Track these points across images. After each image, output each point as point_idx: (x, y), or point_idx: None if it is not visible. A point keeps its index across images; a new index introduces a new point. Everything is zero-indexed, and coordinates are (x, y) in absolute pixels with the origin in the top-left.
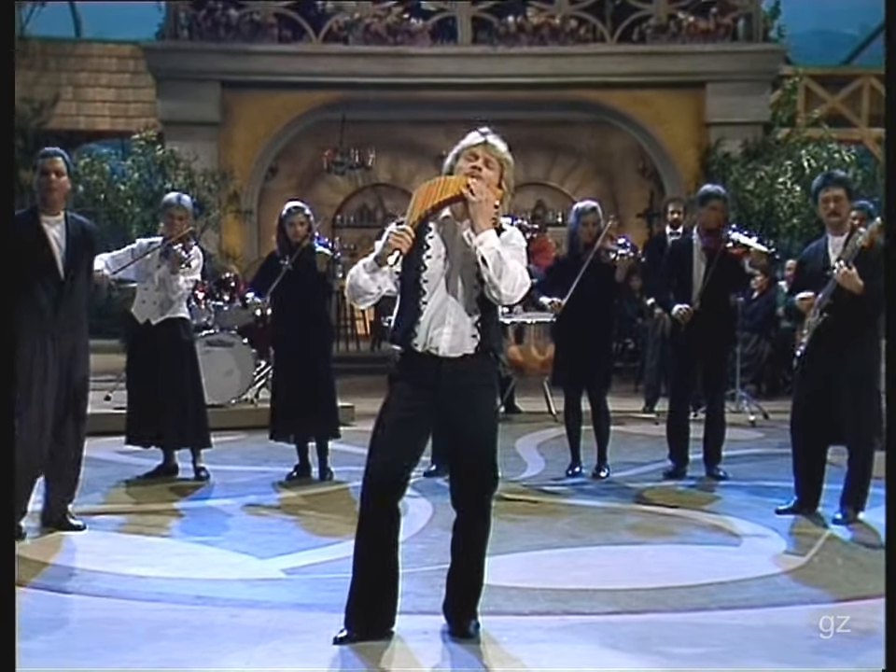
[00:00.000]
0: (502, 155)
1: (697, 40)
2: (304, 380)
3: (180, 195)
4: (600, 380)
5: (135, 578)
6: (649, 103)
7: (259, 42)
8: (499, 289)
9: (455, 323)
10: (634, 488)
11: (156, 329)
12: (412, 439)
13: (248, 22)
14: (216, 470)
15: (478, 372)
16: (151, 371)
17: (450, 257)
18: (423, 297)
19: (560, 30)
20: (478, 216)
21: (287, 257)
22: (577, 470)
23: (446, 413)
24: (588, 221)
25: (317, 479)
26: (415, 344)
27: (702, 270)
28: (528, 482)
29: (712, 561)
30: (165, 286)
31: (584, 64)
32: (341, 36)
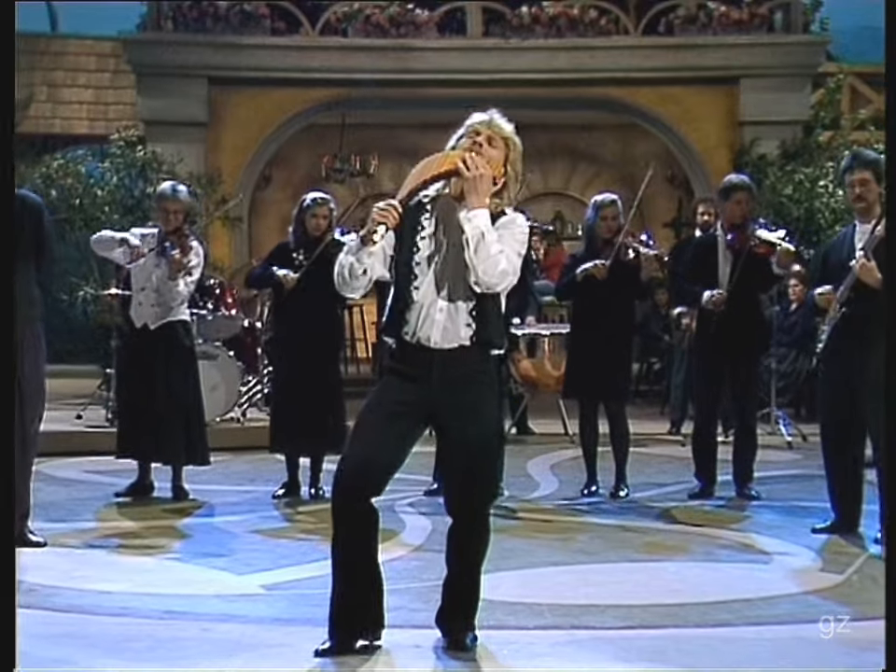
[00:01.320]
0: (507, 134)
1: (730, 32)
2: (313, 390)
3: (175, 185)
4: (618, 390)
5: (99, 593)
6: (677, 100)
7: (250, 34)
8: (476, 273)
9: (448, 310)
10: (655, 507)
11: (153, 333)
12: (395, 437)
13: (238, 13)
14: (196, 490)
15: (475, 368)
16: (149, 378)
17: (445, 238)
18: (414, 281)
19: (579, 21)
20: (471, 192)
21: (303, 251)
22: (593, 490)
23: (438, 411)
24: (607, 215)
25: (307, 498)
26: (406, 334)
27: (727, 270)
28: (539, 501)
29: (739, 578)
30: (164, 289)
31: (606, 59)
32: (339, 28)
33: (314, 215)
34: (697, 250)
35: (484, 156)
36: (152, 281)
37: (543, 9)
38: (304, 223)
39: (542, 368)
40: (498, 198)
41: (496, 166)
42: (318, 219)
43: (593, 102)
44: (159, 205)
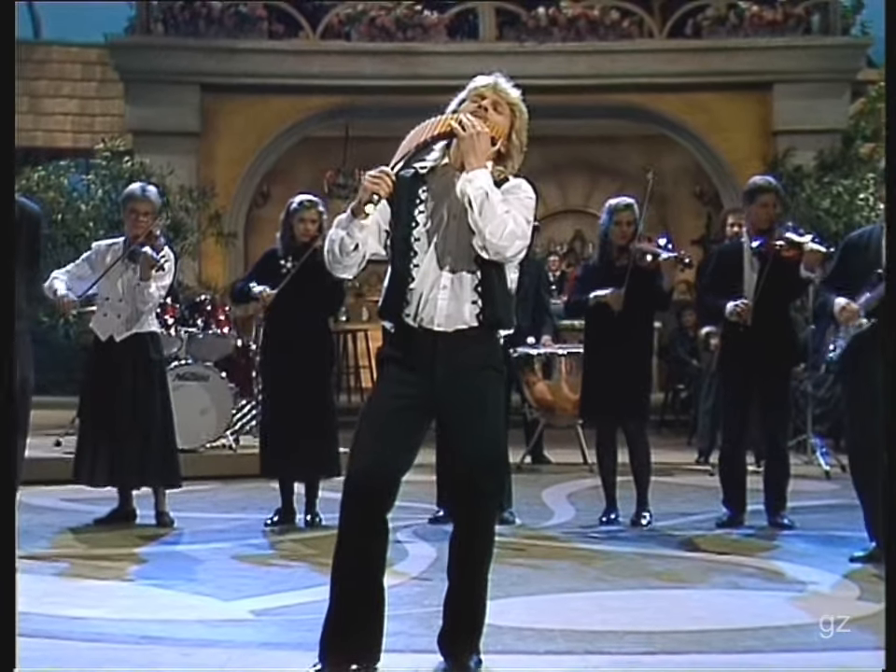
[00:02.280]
0: (514, 100)
1: (763, 34)
2: (303, 408)
3: (144, 186)
4: (638, 409)
5: (71, 619)
6: (705, 108)
7: (246, 38)
8: (484, 234)
9: (451, 287)
10: (679, 536)
11: (120, 346)
12: (402, 434)
13: (233, 15)
14: (183, 518)
15: (481, 352)
16: (113, 394)
17: (446, 210)
18: (414, 258)
19: (600, 23)
20: (469, 152)
21: (291, 258)
22: (612, 517)
23: (442, 402)
24: (622, 220)
25: (302, 525)
26: (406, 315)
27: (754, 278)
28: (553, 529)
29: (768, 606)
30: (132, 295)
31: (629, 63)
32: (342, 32)
33: (301, 219)
34: (721, 259)
35: (489, 121)
36: (118, 289)
37: (561, 11)
38: (292, 228)
39: (559, 391)
40: (501, 165)
41: (500, 133)
42: (307, 224)
43: (614, 110)
44: (126, 207)
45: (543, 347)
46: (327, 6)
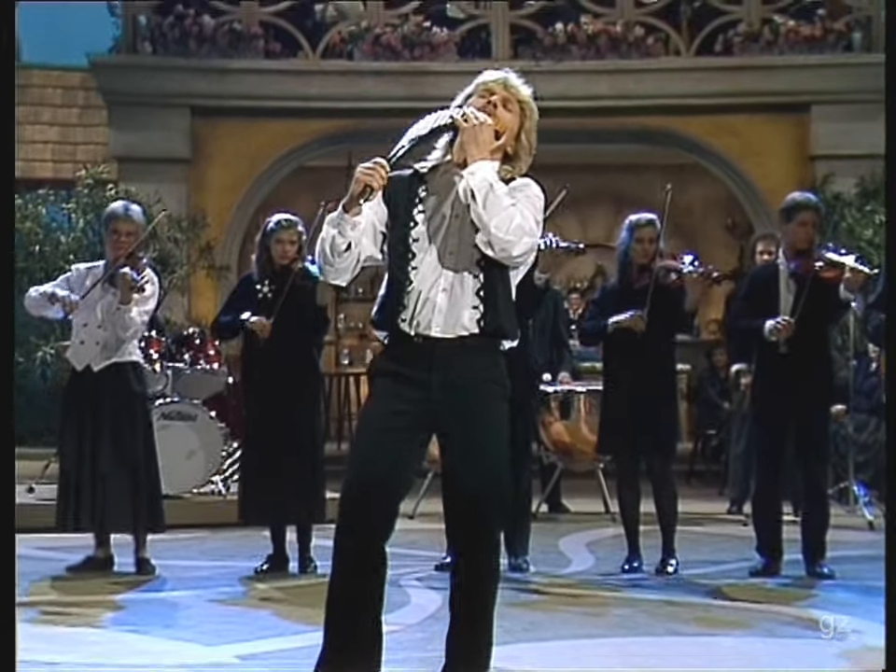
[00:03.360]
0: (524, 98)
1: (800, 51)
2: (286, 448)
3: (127, 204)
4: (663, 443)
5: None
6: (736, 132)
7: (241, 57)
8: (489, 229)
9: (450, 290)
10: (709, 584)
11: (98, 376)
12: (400, 452)
13: (227, 33)
14: (165, 565)
15: (481, 363)
16: (92, 430)
17: (447, 209)
18: (412, 261)
19: (622, 40)
20: (470, 143)
21: (268, 283)
22: (635, 565)
23: (440, 417)
24: (644, 237)
25: (296, 572)
26: (402, 321)
27: (790, 302)
28: (571, 576)
29: (807, 654)
30: (112, 320)
31: (654, 84)
32: (344, 51)
33: (279, 240)
34: (754, 282)
35: (498, 119)
36: (97, 315)
37: (581, 27)
38: (269, 250)
39: (577, 432)
40: (509, 165)
41: (507, 129)
42: (284, 245)
43: (638, 134)
44: (108, 227)
45: (561, 385)
46: (328, 23)
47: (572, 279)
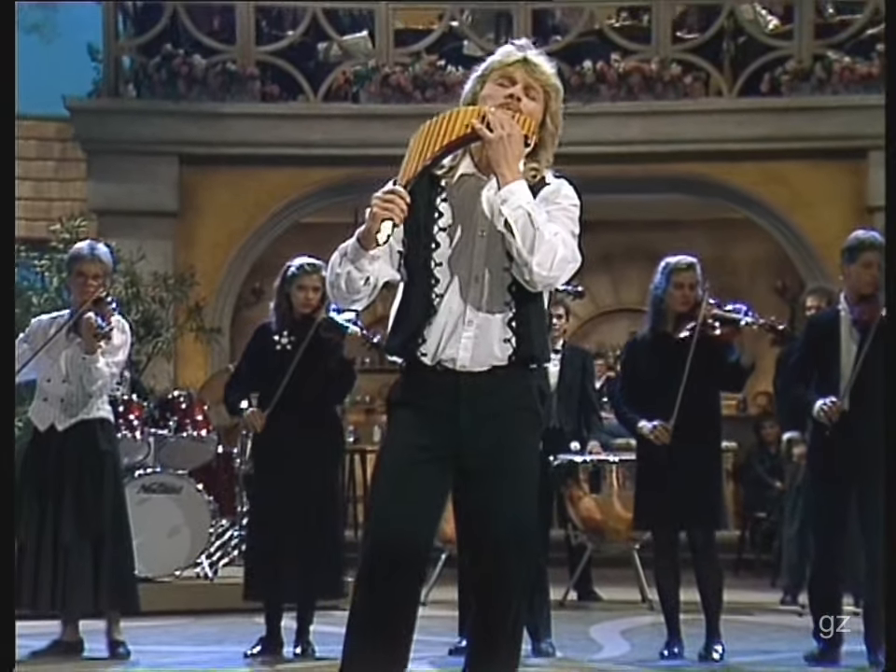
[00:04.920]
0: (548, 79)
1: (855, 90)
2: (303, 516)
3: (93, 244)
4: (707, 514)
5: None
6: (785, 179)
7: (235, 100)
8: (530, 266)
9: (478, 322)
10: None
11: (63, 436)
12: (427, 492)
13: (220, 74)
14: (143, 651)
15: (513, 393)
16: (54, 497)
17: (471, 226)
18: (435, 286)
19: (657, 79)
20: (500, 161)
21: (287, 333)
22: (676, 651)
23: (466, 452)
24: (683, 282)
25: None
26: (423, 354)
27: (853, 352)
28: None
29: None
30: (77, 373)
31: (693, 127)
32: (349, 93)
33: (301, 286)
34: (812, 332)
35: (525, 118)
36: (60, 368)
37: (611, 65)
38: (289, 298)
39: (610, 508)
40: (535, 162)
41: (534, 127)
42: (307, 292)
43: (675, 183)
44: (73, 269)
45: (590, 454)
46: (331, 62)
47: (602, 346)
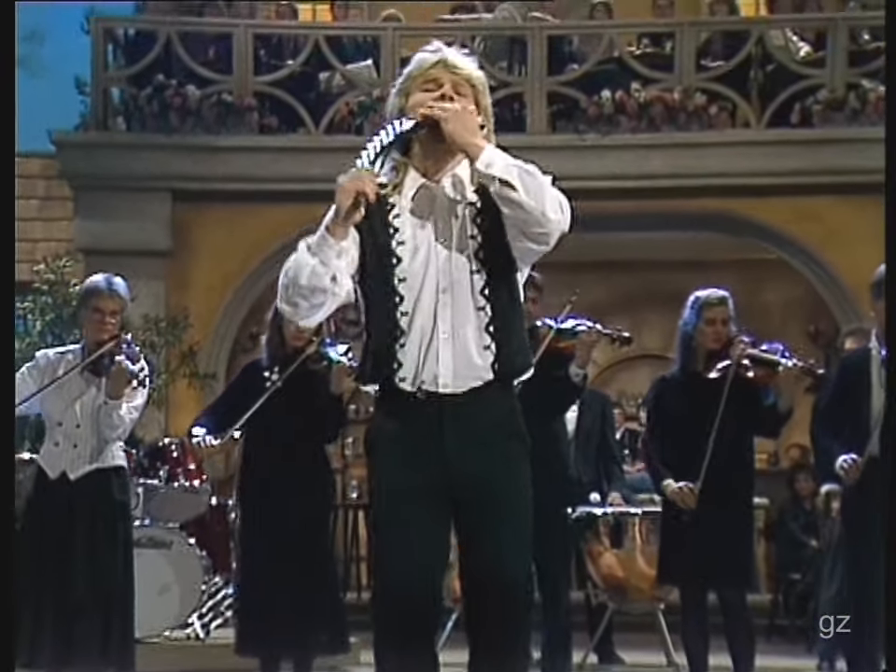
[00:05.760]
0: (472, 73)
1: None
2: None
3: (110, 277)
4: (739, 572)
5: None
6: (818, 216)
7: (231, 133)
8: (546, 214)
9: (453, 334)
10: None
11: (75, 486)
12: (431, 528)
13: (215, 105)
14: None
15: (500, 415)
16: (61, 549)
17: (430, 236)
18: (401, 304)
19: (680, 109)
20: (463, 132)
21: (278, 369)
22: None
23: (457, 481)
24: (715, 318)
25: None
26: (402, 379)
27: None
28: None
29: None
30: (95, 419)
31: (718, 160)
32: (352, 125)
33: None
34: (844, 372)
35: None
36: (74, 411)
37: (631, 94)
38: (281, 331)
39: (632, 564)
40: None
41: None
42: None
43: (700, 220)
44: (88, 305)
45: (611, 506)
46: (333, 93)
47: (623, 395)
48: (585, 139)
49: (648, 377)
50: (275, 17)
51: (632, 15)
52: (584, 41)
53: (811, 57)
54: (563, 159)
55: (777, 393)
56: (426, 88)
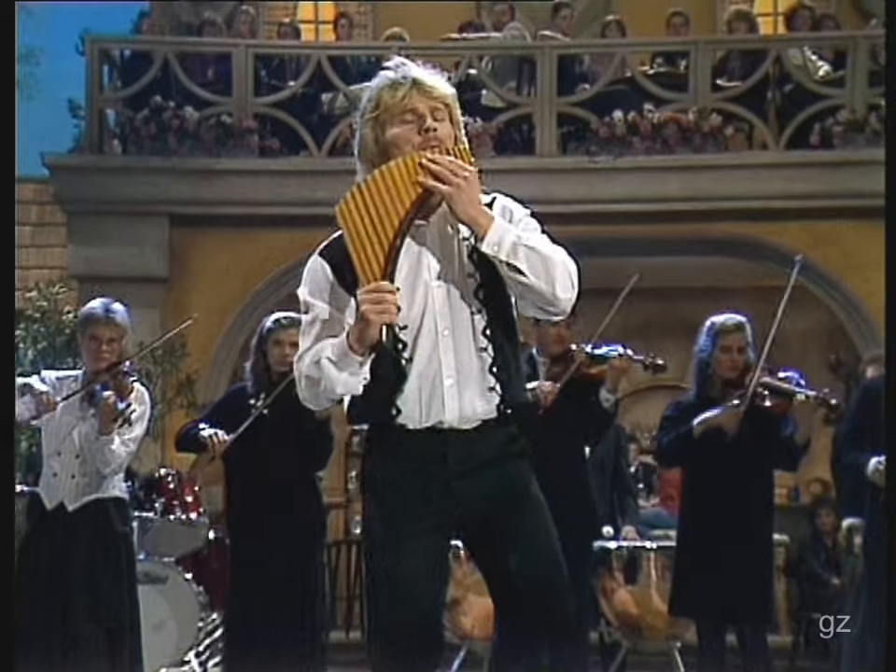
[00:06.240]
0: (446, 93)
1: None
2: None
3: (108, 303)
4: (757, 605)
5: None
6: (837, 240)
7: (231, 156)
8: (556, 294)
9: (457, 378)
10: None
11: (73, 517)
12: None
13: (214, 127)
14: None
15: (504, 438)
16: (61, 582)
17: (426, 280)
18: (403, 351)
19: (695, 130)
20: (468, 209)
21: (265, 395)
22: None
23: (466, 512)
24: (731, 345)
25: None
26: (401, 424)
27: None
28: None
29: None
30: (91, 452)
31: (734, 183)
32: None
33: (277, 342)
34: (865, 402)
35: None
36: (73, 441)
37: (644, 115)
38: (266, 356)
39: (647, 601)
40: None
41: (465, 150)
42: (284, 348)
43: (716, 245)
44: (85, 332)
45: (625, 540)
46: (336, 114)
47: (638, 427)
48: (597, 162)
49: (663, 405)
50: (277, 36)
51: (645, 33)
52: (596, 60)
53: (831, 77)
54: (573, 182)
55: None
56: (403, 118)
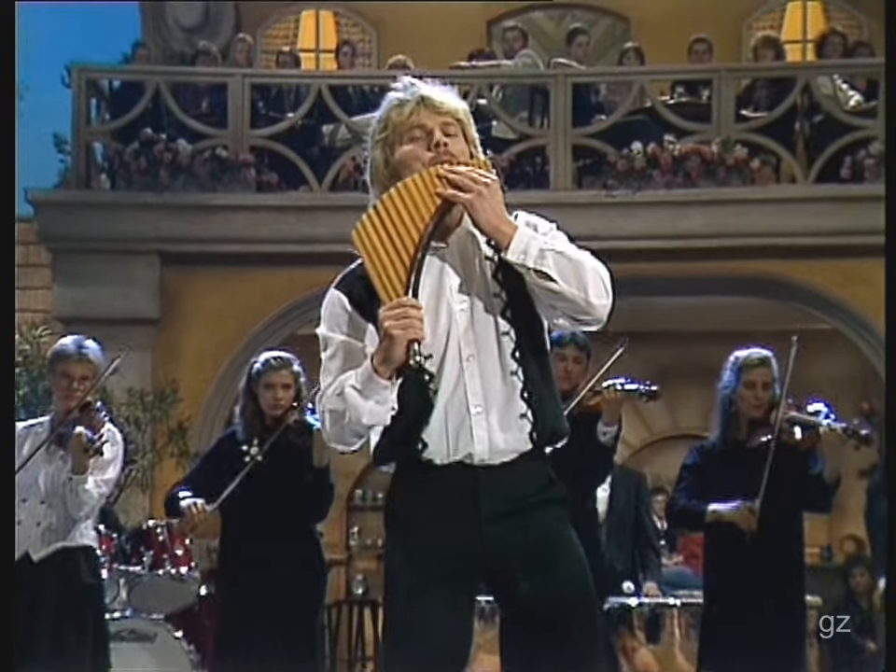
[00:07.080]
0: (457, 108)
1: None
2: (275, 657)
3: (80, 340)
4: (789, 660)
5: None
6: (870, 279)
7: (227, 191)
8: (590, 301)
9: (486, 407)
10: None
11: (39, 568)
12: (457, 617)
13: (209, 160)
14: None
15: (538, 479)
16: (24, 638)
17: (449, 304)
18: (430, 382)
19: (719, 163)
20: (492, 218)
21: (258, 442)
22: None
23: (495, 558)
24: (756, 381)
25: None
26: (429, 458)
27: None
28: None
29: None
30: (59, 494)
31: (761, 218)
32: (359, 181)
33: (268, 384)
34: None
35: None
36: (39, 487)
37: (665, 147)
38: (256, 399)
39: (671, 661)
40: None
41: (484, 161)
42: (276, 391)
43: (741, 283)
44: (56, 371)
45: (647, 597)
46: (338, 147)
47: (659, 479)
48: (614, 196)
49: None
50: (276, 66)
51: (665, 61)
52: (613, 89)
53: (862, 107)
54: (590, 217)
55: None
56: (413, 136)
